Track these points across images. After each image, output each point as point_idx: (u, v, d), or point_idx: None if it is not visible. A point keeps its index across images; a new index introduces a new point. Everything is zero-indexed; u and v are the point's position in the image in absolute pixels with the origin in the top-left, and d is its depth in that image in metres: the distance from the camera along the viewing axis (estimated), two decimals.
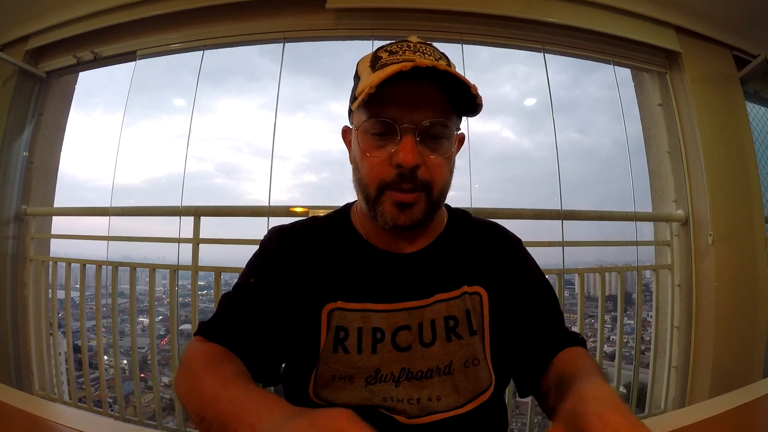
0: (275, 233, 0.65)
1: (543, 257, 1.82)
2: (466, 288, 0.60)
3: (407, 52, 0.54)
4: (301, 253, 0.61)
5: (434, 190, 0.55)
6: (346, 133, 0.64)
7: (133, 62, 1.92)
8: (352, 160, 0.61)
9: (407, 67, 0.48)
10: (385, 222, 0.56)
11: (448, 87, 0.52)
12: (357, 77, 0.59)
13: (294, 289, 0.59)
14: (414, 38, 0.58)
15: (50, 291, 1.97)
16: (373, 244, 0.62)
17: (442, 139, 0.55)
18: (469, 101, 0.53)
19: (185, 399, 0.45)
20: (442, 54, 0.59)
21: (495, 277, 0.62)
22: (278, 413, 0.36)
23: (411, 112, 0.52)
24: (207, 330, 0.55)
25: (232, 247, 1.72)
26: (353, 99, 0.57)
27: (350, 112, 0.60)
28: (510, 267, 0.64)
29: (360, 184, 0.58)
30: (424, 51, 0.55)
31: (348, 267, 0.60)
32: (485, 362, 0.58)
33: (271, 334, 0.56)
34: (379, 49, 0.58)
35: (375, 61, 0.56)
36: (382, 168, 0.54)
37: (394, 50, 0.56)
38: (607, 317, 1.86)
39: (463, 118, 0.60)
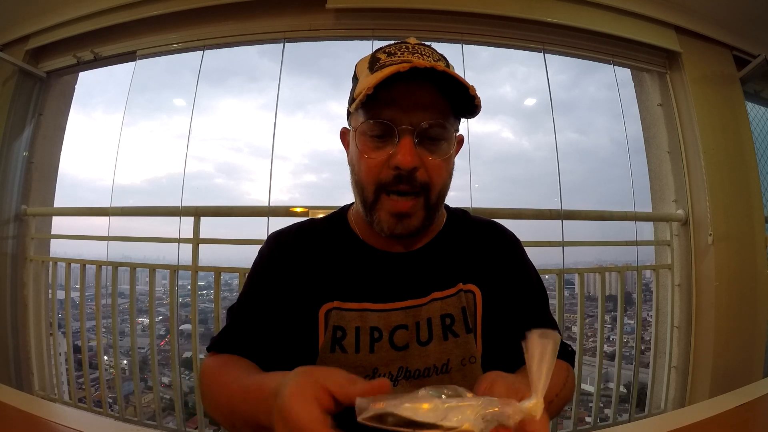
0: (272, 240, 0.66)
1: (543, 257, 1.82)
2: (461, 286, 0.60)
3: (405, 54, 0.54)
4: (298, 256, 0.62)
5: (432, 192, 0.55)
6: (344, 134, 0.64)
7: (133, 62, 1.92)
8: (350, 162, 0.61)
9: (405, 68, 0.48)
10: (381, 230, 0.56)
11: (447, 88, 0.52)
12: (355, 78, 0.59)
13: (292, 291, 0.60)
14: (413, 40, 0.58)
15: (50, 291, 1.97)
16: (370, 244, 0.62)
17: (440, 141, 0.55)
18: (467, 102, 0.53)
19: (214, 414, 0.50)
20: (441, 55, 0.58)
21: (489, 275, 0.62)
22: (271, 394, 0.37)
23: (409, 114, 0.52)
24: (216, 345, 0.58)
25: (232, 247, 1.72)
26: (351, 100, 0.57)
27: (349, 113, 0.60)
28: (504, 266, 0.64)
29: (357, 186, 0.57)
30: (423, 52, 0.55)
31: (345, 267, 0.61)
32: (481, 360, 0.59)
33: (275, 341, 0.58)
34: (377, 50, 0.58)
35: (373, 62, 0.55)
36: (380, 169, 0.54)
37: (392, 51, 0.55)
38: (607, 317, 1.86)
39: (462, 120, 0.60)
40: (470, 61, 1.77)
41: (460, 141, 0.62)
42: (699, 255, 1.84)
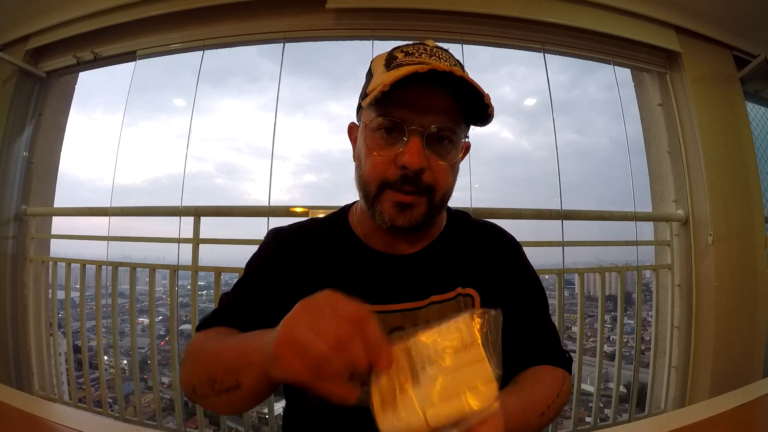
0: (272, 235, 0.65)
1: (543, 257, 1.82)
2: (460, 290, 0.60)
3: (423, 55, 0.54)
4: (297, 254, 0.62)
5: (437, 194, 0.55)
6: (352, 129, 0.64)
7: (133, 62, 1.92)
8: (356, 158, 0.60)
9: (424, 69, 0.48)
10: (383, 221, 0.55)
11: (461, 94, 0.52)
12: (370, 74, 0.59)
13: (288, 289, 0.59)
14: (430, 42, 0.58)
15: (50, 291, 1.97)
16: (371, 245, 0.62)
17: (449, 145, 0.55)
18: (480, 110, 0.53)
19: (191, 378, 0.47)
20: (457, 60, 0.58)
21: (488, 279, 0.62)
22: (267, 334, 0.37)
23: (421, 115, 0.52)
24: (205, 322, 0.58)
25: (232, 247, 1.72)
26: (364, 96, 0.57)
27: (359, 109, 0.60)
28: (504, 270, 0.64)
29: (361, 181, 0.57)
30: (440, 56, 0.55)
31: (343, 268, 0.60)
32: None
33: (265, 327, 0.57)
34: (394, 48, 0.58)
35: (390, 60, 0.55)
36: (386, 167, 0.54)
37: (410, 51, 0.55)
38: (607, 317, 1.86)
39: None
40: (470, 62, 1.78)
41: (467, 147, 0.61)
42: (699, 255, 1.84)
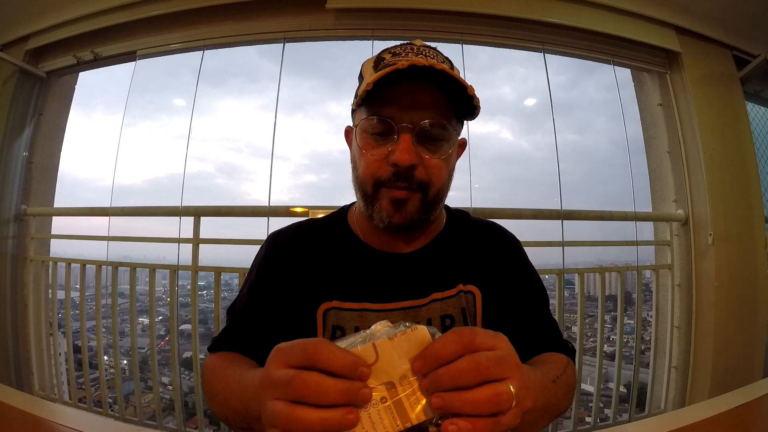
0: (269, 240, 0.66)
1: (543, 257, 1.82)
2: (461, 287, 0.60)
3: (410, 54, 0.55)
4: (296, 256, 0.62)
5: (430, 190, 0.55)
6: (348, 132, 0.64)
7: (133, 62, 1.92)
8: (353, 160, 0.61)
9: (404, 65, 0.48)
10: (380, 220, 0.56)
11: (449, 89, 0.52)
12: (361, 77, 0.60)
13: (289, 291, 0.60)
14: (418, 42, 0.59)
15: (50, 291, 1.97)
16: (370, 244, 0.62)
17: (440, 141, 0.55)
18: (467, 103, 0.53)
19: (212, 408, 0.52)
20: (446, 58, 0.59)
21: (489, 276, 0.62)
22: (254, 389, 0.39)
23: (410, 112, 0.52)
24: (216, 345, 0.59)
25: (232, 247, 1.72)
26: (356, 98, 0.58)
27: (353, 111, 0.61)
28: (504, 267, 0.64)
29: (357, 181, 0.58)
30: (427, 54, 0.55)
31: (344, 267, 0.61)
32: None
33: (273, 340, 0.57)
34: (383, 50, 0.59)
35: (378, 62, 0.56)
36: (379, 165, 0.54)
37: (397, 52, 0.56)
38: (607, 317, 1.86)
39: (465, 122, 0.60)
40: (470, 62, 1.78)
41: (463, 144, 0.62)
42: (699, 255, 1.84)
